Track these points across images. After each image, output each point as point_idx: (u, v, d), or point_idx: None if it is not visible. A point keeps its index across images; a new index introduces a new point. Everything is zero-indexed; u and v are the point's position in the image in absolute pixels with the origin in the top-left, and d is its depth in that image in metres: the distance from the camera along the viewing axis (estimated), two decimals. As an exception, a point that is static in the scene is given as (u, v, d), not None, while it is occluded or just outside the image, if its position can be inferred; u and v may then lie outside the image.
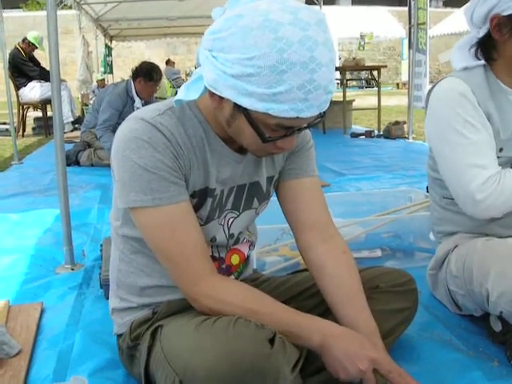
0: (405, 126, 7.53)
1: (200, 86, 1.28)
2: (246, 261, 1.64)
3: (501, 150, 1.81)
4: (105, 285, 2.12)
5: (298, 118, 1.19)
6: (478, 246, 1.74)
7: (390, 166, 5.34)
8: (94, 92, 10.94)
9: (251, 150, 1.36)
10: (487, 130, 1.79)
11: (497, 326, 1.80)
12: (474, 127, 1.77)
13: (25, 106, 8.71)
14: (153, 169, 1.29)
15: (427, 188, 3.46)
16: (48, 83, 7.00)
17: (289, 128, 1.24)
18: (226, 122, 1.30)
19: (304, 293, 1.64)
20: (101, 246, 2.57)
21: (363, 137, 7.63)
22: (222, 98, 1.24)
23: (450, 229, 2.00)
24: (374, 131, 7.82)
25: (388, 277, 1.65)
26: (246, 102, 1.18)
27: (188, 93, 1.30)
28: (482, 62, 1.87)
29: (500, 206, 1.77)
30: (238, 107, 1.21)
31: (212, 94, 1.25)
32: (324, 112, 1.25)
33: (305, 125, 1.27)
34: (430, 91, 1.92)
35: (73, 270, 2.58)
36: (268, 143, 1.27)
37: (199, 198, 1.41)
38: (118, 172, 1.34)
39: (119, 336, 1.58)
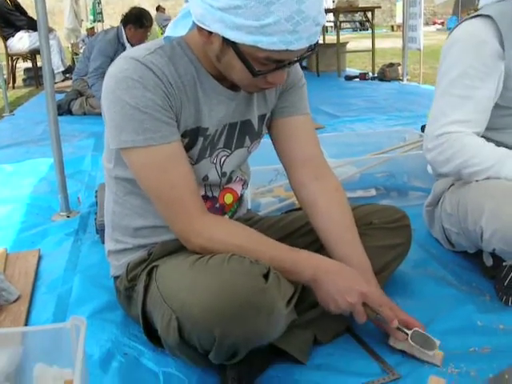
0: (399, 67, 7.45)
1: (188, 21, 1.26)
2: (239, 200, 1.64)
3: None
4: (101, 230, 2.13)
5: (287, 50, 1.18)
6: (473, 185, 1.74)
7: (384, 108, 5.31)
8: (83, 41, 10.76)
9: (242, 85, 1.35)
10: (489, 87, 1.74)
11: (489, 262, 1.82)
12: (472, 82, 1.73)
13: (14, 57, 8.55)
14: (144, 108, 1.28)
15: (422, 128, 3.47)
16: (36, 33, 6.87)
17: (279, 61, 1.23)
18: (215, 57, 1.29)
19: (298, 231, 1.65)
20: (96, 192, 2.57)
21: (357, 79, 7.56)
22: (210, 33, 1.22)
23: None
24: (368, 73, 7.74)
25: (381, 213, 1.66)
26: (234, 36, 1.17)
27: (176, 29, 1.28)
28: None
29: (441, 165, 1.77)
30: (226, 41, 1.20)
31: (200, 30, 1.24)
32: (315, 45, 1.23)
33: (295, 58, 1.25)
34: (452, 29, 1.87)
35: (68, 217, 2.59)
36: (258, 78, 1.26)
37: (190, 137, 1.40)
38: (109, 113, 1.33)
39: (116, 278, 1.59)
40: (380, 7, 10.58)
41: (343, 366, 1.43)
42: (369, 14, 8.33)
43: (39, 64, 8.25)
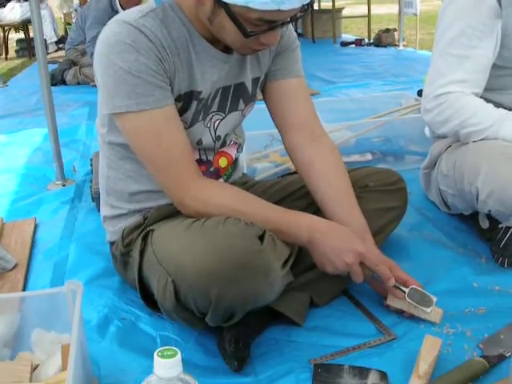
0: (395, 33, 7.37)
1: None
2: (234, 163, 1.63)
3: None
4: (96, 197, 2.12)
5: (279, 10, 1.16)
6: (469, 146, 1.73)
7: (380, 74, 5.26)
8: (76, 10, 10.62)
9: (235, 47, 1.34)
10: (487, 46, 1.72)
11: (484, 224, 1.83)
12: (470, 41, 1.71)
13: (5, 28, 8.45)
14: (137, 73, 1.26)
15: (418, 92, 3.44)
16: (28, 3, 6.77)
17: (271, 22, 1.22)
18: (207, 19, 1.27)
19: (294, 194, 1.65)
20: (91, 160, 2.56)
21: (353, 45, 7.49)
22: None
23: None
24: (364, 39, 7.66)
25: (377, 176, 1.66)
26: None
27: None
28: None
29: (440, 126, 1.77)
30: (218, 2, 1.19)
31: None
32: (307, 5, 1.22)
33: (288, 19, 1.23)
34: None
35: (64, 185, 2.58)
36: (251, 39, 1.24)
37: (184, 101, 1.39)
38: (102, 77, 1.32)
39: (112, 244, 1.59)
40: (376, -28, 10.45)
41: (340, 328, 1.44)
42: (364, -21, 8.24)
43: (32, 34, 8.15)
